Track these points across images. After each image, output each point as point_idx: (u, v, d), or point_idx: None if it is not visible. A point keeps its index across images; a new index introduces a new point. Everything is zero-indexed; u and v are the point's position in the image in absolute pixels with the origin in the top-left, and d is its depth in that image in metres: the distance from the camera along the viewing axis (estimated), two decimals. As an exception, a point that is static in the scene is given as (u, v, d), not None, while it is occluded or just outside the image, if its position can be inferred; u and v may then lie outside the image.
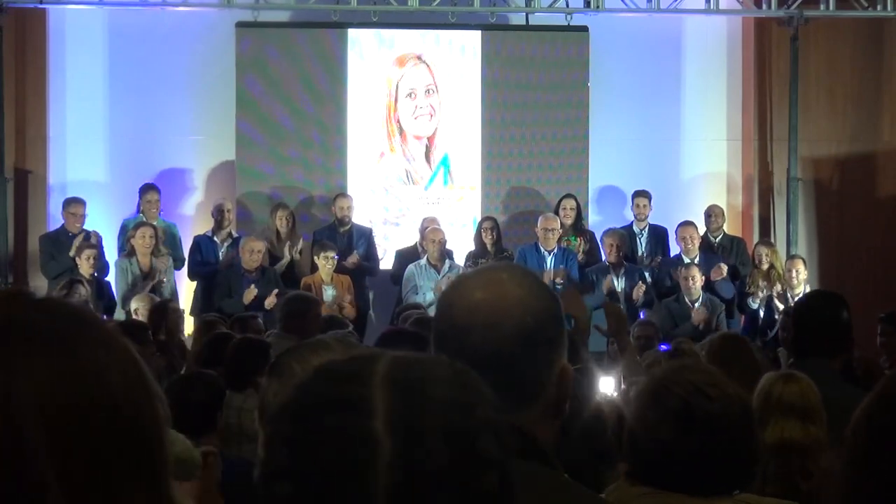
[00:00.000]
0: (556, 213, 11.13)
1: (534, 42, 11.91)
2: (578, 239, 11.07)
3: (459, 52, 11.85)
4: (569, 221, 11.10)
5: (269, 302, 9.92)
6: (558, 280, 10.32)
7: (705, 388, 2.42)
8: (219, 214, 10.96)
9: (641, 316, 10.38)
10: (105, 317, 9.38)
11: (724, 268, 10.65)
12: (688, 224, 10.93)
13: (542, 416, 1.64)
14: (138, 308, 9.08)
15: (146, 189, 11.02)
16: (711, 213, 11.38)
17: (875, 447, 1.36)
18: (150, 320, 8.10)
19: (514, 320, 1.63)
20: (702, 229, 11.25)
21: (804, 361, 4.20)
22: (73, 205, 10.68)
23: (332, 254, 10.41)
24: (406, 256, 10.97)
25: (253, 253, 10.26)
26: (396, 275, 10.89)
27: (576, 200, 11.22)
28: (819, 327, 4.30)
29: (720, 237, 11.35)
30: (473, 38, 11.84)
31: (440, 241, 10.63)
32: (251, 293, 10.01)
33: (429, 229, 10.82)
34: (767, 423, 3.61)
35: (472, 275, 1.76)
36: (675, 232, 11.01)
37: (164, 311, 8.23)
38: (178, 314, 8.68)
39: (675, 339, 7.21)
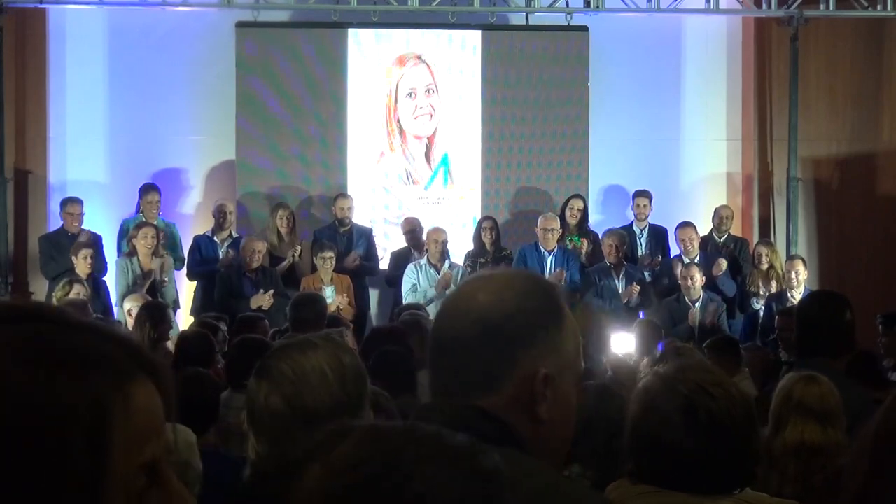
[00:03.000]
0: (563, 212, 11.13)
1: (534, 42, 11.91)
2: (582, 240, 11.07)
3: (459, 52, 11.85)
4: (574, 222, 11.10)
5: (266, 303, 9.88)
6: (559, 282, 10.30)
7: (709, 387, 2.42)
8: (220, 215, 10.95)
9: (641, 316, 10.39)
10: (101, 317, 9.36)
11: (724, 263, 10.64)
12: (687, 225, 10.92)
13: (507, 408, 1.65)
14: (131, 308, 9.03)
15: (147, 189, 11.01)
16: (721, 214, 11.39)
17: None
18: (146, 317, 7.96)
19: (481, 310, 1.67)
20: (708, 228, 11.28)
21: (807, 361, 4.20)
22: (70, 204, 10.68)
23: (329, 254, 10.40)
24: (400, 258, 10.98)
25: (254, 253, 10.24)
26: (392, 276, 10.89)
27: (583, 201, 11.23)
28: (822, 327, 4.30)
29: (724, 238, 11.35)
30: (473, 37, 11.84)
31: (442, 241, 10.62)
32: (262, 299, 9.94)
33: (431, 229, 10.82)
34: (787, 424, 3.62)
35: (480, 274, 1.79)
36: (675, 233, 11.00)
37: (163, 314, 8.12)
38: (170, 323, 8.56)
39: (668, 340, 7.16)
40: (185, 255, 11.00)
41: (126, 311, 9.11)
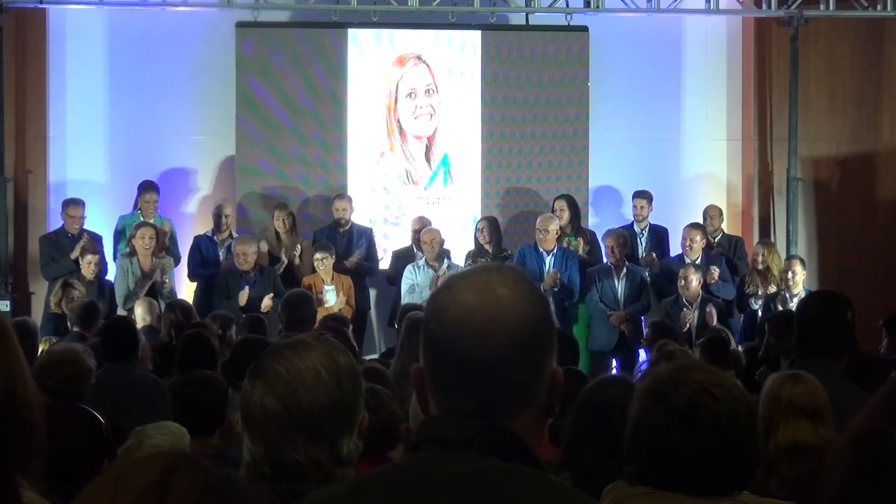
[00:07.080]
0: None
1: (534, 42, 11.90)
2: (578, 239, 11.03)
3: (459, 52, 11.84)
4: (560, 223, 11.04)
5: (266, 305, 9.87)
6: (554, 283, 10.24)
7: (711, 388, 2.41)
8: (217, 218, 10.93)
9: (642, 319, 10.38)
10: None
11: (717, 271, 10.51)
12: (695, 227, 10.79)
13: (532, 419, 1.64)
14: (140, 312, 9.03)
15: (146, 188, 10.99)
16: (708, 215, 11.34)
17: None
18: (173, 317, 7.97)
19: (508, 327, 1.60)
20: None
21: (807, 362, 4.19)
22: (72, 207, 10.64)
23: (325, 255, 10.37)
24: (402, 257, 10.96)
25: (246, 255, 10.15)
26: (393, 275, 10.88)
27: (566, 201, 11.12)
28: (823, 327, 4.29)
29: (719, 237, 11.32)
30: (473, 37, 11.83)
31: (436, 241, 10.57)
32: (245, 294, 9.97)
33: (423, 230, 10.78)
34: (778, 426, 3.60)
35: (462, 277, 1.71)
36: (683, 232, 10.86)
37: (189, 316, 8.11)
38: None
39: (659, 343, 7.08)
40: (181, 252, 10.99)
41: (137, 314, 9.06)
